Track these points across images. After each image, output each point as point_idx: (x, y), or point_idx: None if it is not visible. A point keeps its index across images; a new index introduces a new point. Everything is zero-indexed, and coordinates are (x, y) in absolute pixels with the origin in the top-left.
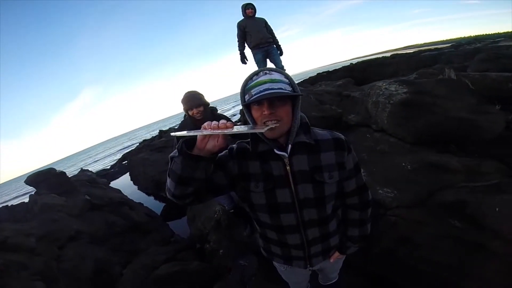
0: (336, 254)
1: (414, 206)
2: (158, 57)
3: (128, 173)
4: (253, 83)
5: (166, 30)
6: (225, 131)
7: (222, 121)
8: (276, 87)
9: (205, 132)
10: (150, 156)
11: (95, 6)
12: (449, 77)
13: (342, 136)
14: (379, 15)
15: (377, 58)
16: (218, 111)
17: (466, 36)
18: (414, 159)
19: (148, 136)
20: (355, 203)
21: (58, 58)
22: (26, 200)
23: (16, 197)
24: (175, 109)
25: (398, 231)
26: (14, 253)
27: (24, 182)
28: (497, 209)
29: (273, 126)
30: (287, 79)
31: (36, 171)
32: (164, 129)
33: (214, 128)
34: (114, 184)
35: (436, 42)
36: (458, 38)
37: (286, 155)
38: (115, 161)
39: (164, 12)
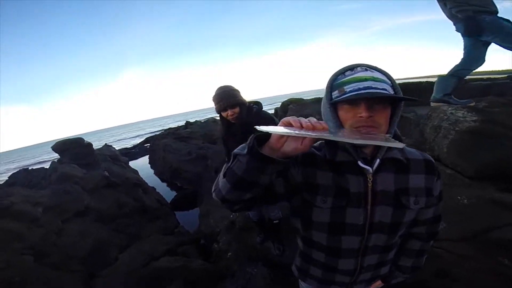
0: (378, 282)
1: (463, 240)
2: (204, 45)
3: (147, 156)
4: (346, 78)
5: (217, 14)
6: (324, 134)
7: (312, 119)
8: (380, 87)
9: (297, 133)
10: (173, 143)
11: None
12: None
13: (432, 159)
14: (425, 36)
15: (421, 82)
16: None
17: None
18: (471, 194)
19: (174, 125)
20: (421, 233)
21: (110, 37)
22: (47, 166)
23: (41, 161)
24: (206, 103)
25: (439, 264)
26: (16, 221)
27: (51, 148)
28: None
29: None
30: (389, 80)
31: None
32: (191, 120)
33: (308, 128)
34: (132, 164)
35: (489, 71)
36: None
37: (371, 170)
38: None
39: None
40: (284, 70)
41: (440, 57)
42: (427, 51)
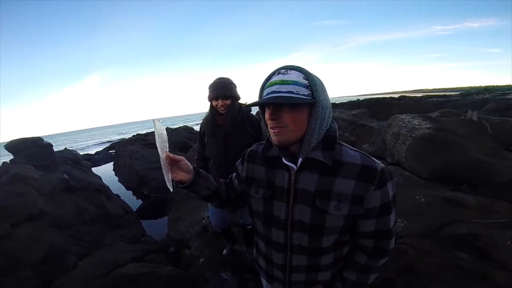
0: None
1: (424, 236)
2: (179, 52)
3: (112, 163)
4: (267, 83)
5: (198, 21)
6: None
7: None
8: (284, 90)
9: (165, 174)
10: (141, 150)
11: None
12: (471, 119)
13: (379, 166)
14: (396, 54)
15: (385, 97)
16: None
17: (476, 85)
18: (428, 193)
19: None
20: (367, 247)
21: (77, 38)
22: None
23: None
24: (178, 110)
25: (403, 260)
26: None
27: (4, 146)
28: (508, 242)
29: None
30: (306, 80)
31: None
32: None
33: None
34: (94, 170)
35: (446, 89)
36: (468, 87)
37: (295, 167)
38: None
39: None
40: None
41: (404, 74)
42: (394, 68)
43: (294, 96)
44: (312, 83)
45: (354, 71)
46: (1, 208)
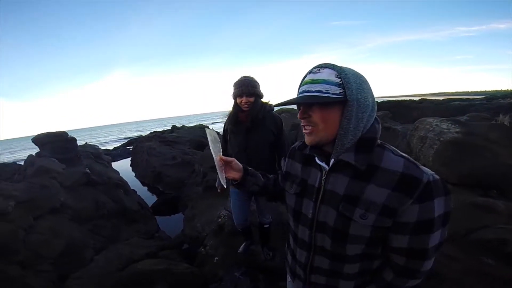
0: None
1: (449, 241)
2: (195, 51)
3: (129, 158)
4: (302, 82)
5: (213, 21)
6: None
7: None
8: (313, 89)
9: (219, 174)
10: (158, 146)
11: None
12: (502, 123)
13: (425, 177)
14: (415, 55)
15: (404, 100)
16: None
17: (503, 89)
18: (455, 198)
19: (158, 129)
20: (397, 264)
21: (99, 36)
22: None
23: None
24: (193, 109)
25: None
26: None
27: (31, 140)
28: None
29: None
30: (339, 78)
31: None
32: (178, 125)
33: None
34: (113, 165)
35: (469, 92)
36: (493, 90)
37: (327, 168)
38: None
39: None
40: (278, 79)
41: (424, 76)
42: (414, 70)
43: (322, 95)
44: (345, 81)
45: (371, 73)
46: (26, 201)
